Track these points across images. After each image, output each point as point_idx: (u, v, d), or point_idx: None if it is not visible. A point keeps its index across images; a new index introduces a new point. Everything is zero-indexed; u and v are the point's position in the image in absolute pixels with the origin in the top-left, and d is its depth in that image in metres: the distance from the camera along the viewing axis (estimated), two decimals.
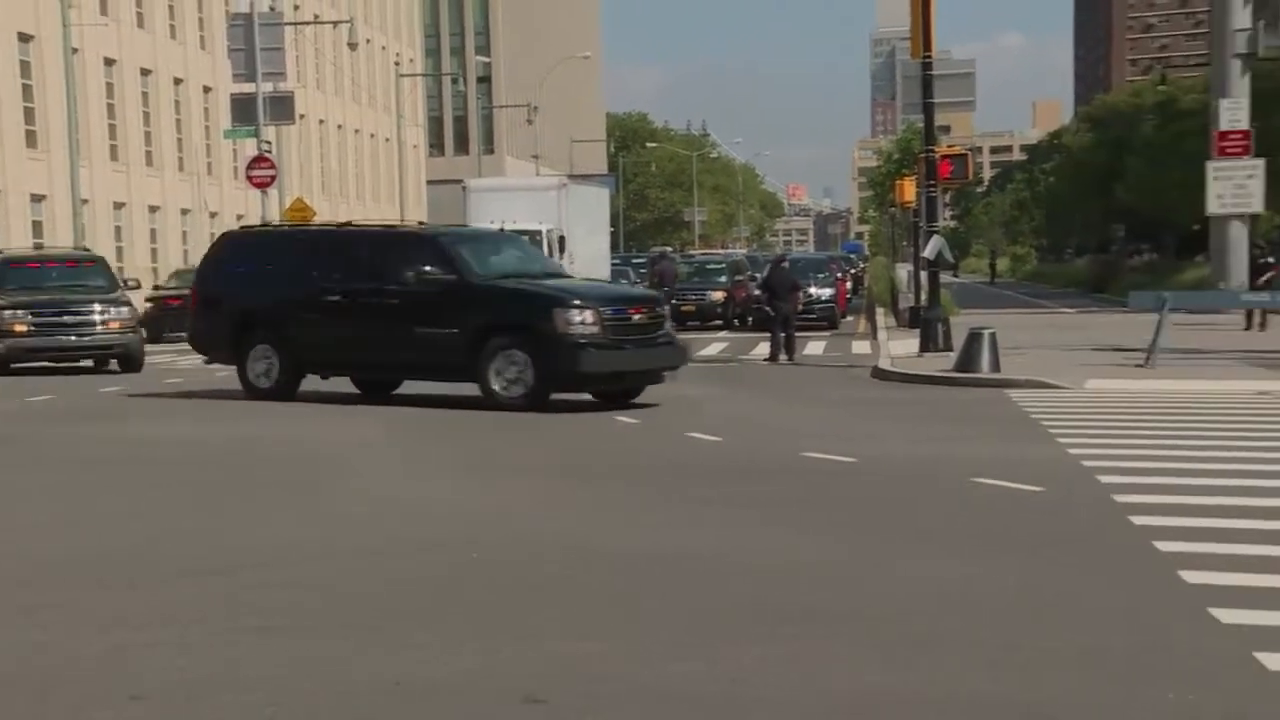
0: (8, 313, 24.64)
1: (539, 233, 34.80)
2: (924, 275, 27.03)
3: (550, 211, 36.37)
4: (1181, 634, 6.57)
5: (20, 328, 24.57)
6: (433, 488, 11.31)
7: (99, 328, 25.05)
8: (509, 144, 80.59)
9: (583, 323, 16.45)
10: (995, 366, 20.17)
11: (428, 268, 17.25)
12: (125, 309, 25.67)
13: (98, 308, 25.13)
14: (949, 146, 30.92)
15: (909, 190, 31.17)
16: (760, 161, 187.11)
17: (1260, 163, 24.30)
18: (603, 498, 10.75)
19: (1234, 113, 24.61)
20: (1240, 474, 11.18)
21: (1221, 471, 11.30)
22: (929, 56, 24.51)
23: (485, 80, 76.77)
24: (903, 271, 39.68)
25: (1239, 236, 30.52)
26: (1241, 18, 25.06)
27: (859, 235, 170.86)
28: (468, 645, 6.52)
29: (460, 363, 16.82)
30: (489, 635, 6.70)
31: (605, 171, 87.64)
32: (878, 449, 13.08)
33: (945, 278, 28.57)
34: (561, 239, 35.63)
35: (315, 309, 17.99)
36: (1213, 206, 24.58)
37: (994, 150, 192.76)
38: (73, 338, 24.97)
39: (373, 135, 73.69)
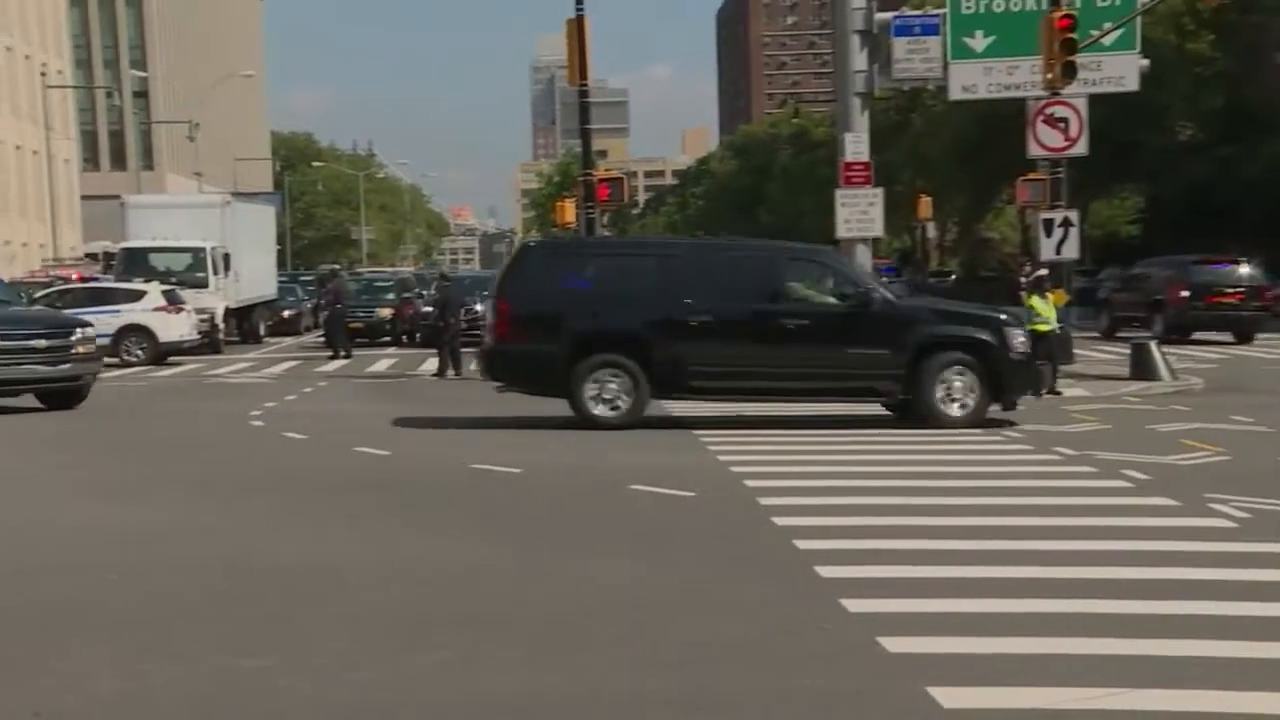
0: None
1: (202, 249, 33.60)
2: None
3: (213, 229, 35.11)
4: (816, 623, 6.92)
5: None
6: (90, 508, 10.65)
7: None
8: (170, 160, 77.04)
9: None
10: None
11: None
12: None
13: None
14: (606, 170, 31.55)
15: (569, 211, 31.62)
16: (427, 182, 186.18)
17: (880, 191, 25.93)
18: (268, 513, 10.40)
19: (856, 145, 26.18)
20: (870, 475, 11.90)
21: (853, 474, 12.00)
22: (585, 85, 25.01)
23: (142, 95, 73.10)
24: None
25: (864, 258, 32.55)
26: (859, 60, 26.78)
27: None
28: (117, 669, 6.17)
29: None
30: (144, 657, 6.37)
31: (271, 190, 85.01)
32: (543, 459, 13.20)
33: None
34: (226, 256, 34.46)
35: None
36: (841, 230, 26.00)
37: (648, 174, 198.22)
38: None
39: (18, 147, 68.87)
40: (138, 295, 29.20)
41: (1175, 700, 5.64)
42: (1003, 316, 16.32)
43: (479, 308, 34.43)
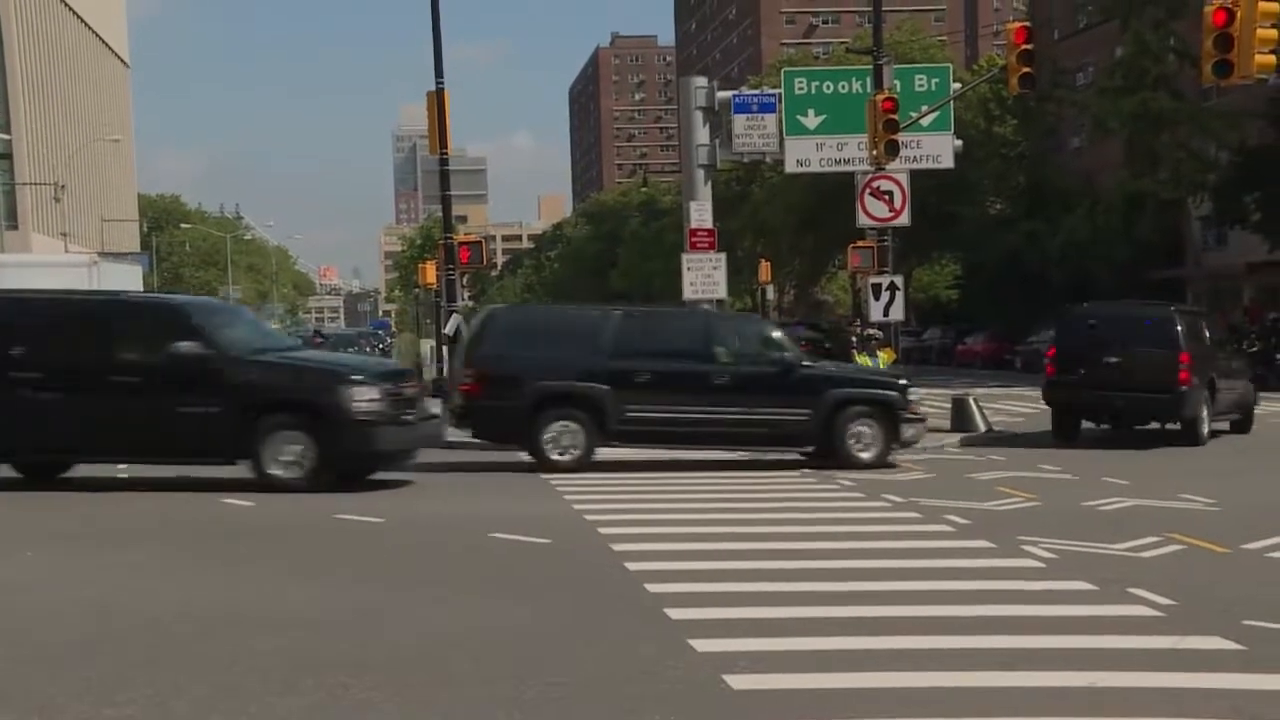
0: None
1: None
2: (445, 349, 27.30)
3: (80, 287, 33.99)
4: (665, 663, 6.96)
5: None
6: None
7: None
8: (36, 221, 74.36)
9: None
10: None
11: None
12: None
13: None
14: (466, 234, 31.46)
15: (431, 273, 31.46)
16: (293, 244, 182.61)
17: (723, 256, 26.47)
18: (134, 563, 10.05)
19: (701, 213, 26.68)
20: (714, 521, 12.02)
21: (698, 520, 12.11)
22: (445, 154, 24.95)
23: (5, 157, 70.62)
24: (426, 346, 39.89)
25: None
26: (702, 135, 27.39)
27: (386, 313, 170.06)
28: None
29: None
30: (2, 707, 6.10)
31: (138, 250, 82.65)
32: (405, 508, 13.02)
33: None
34: None
35: None
36: (688, 293, 26.40)
37: (506, 239, 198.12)
38: None
39: None
40: None
41: None
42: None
43: None
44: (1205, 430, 19.85)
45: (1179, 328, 19.79)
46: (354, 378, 14.69)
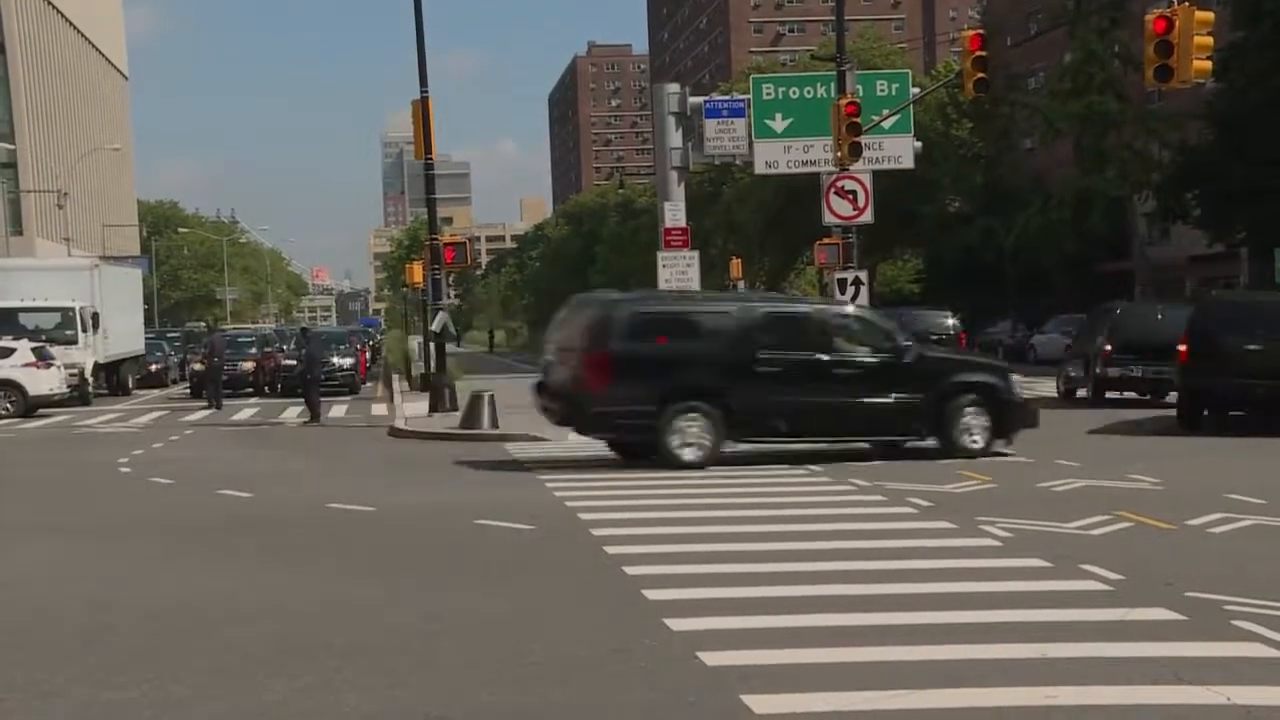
0: None
1: (71, 309, 32.43)
2: (432, 346, 27.22)
3: (83, 290, 33.84)
4: (643, 642, 6.96)
5: None
6: None
7: None
8: (40, 227, 73.83)
9: None
10: (494, 423, 20.57)
11: None
12: None
13: None
14: (452, 236, 31.41)
15: (418, 273, 31.36)
16: (287, 246, 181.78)
17: (696, 254, 26.57)
18: (136, 554, 9.99)
19: (675, 213, 26.73)
20: (689, 508, 12.02)
21: (674, 507, 12.10)
22: (430, 159, 24.87)
23: (10, 166, 70.11)
24: (414, 343, 39.74)
25: None
26: (676, 139, 27.42)
27: (376, 311, 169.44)
28: None
29: None
30: (6, 692, 6.04)
31: (138, 254, 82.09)
32: (395, 498, 12.97)
33: (450, 348, 28.91)
34: (95, 315, 33.25)
35: None
36: (662, 289, 26.49)
37: (490, 239, 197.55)
38: None
39: None
40: (8, 352, 27.95)
41: (951, 698, 5.83)
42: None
43: (335, 360, 33.99)
44: None
45: None
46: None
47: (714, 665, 6.40)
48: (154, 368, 40.59)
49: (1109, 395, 24.34)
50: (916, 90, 31.12)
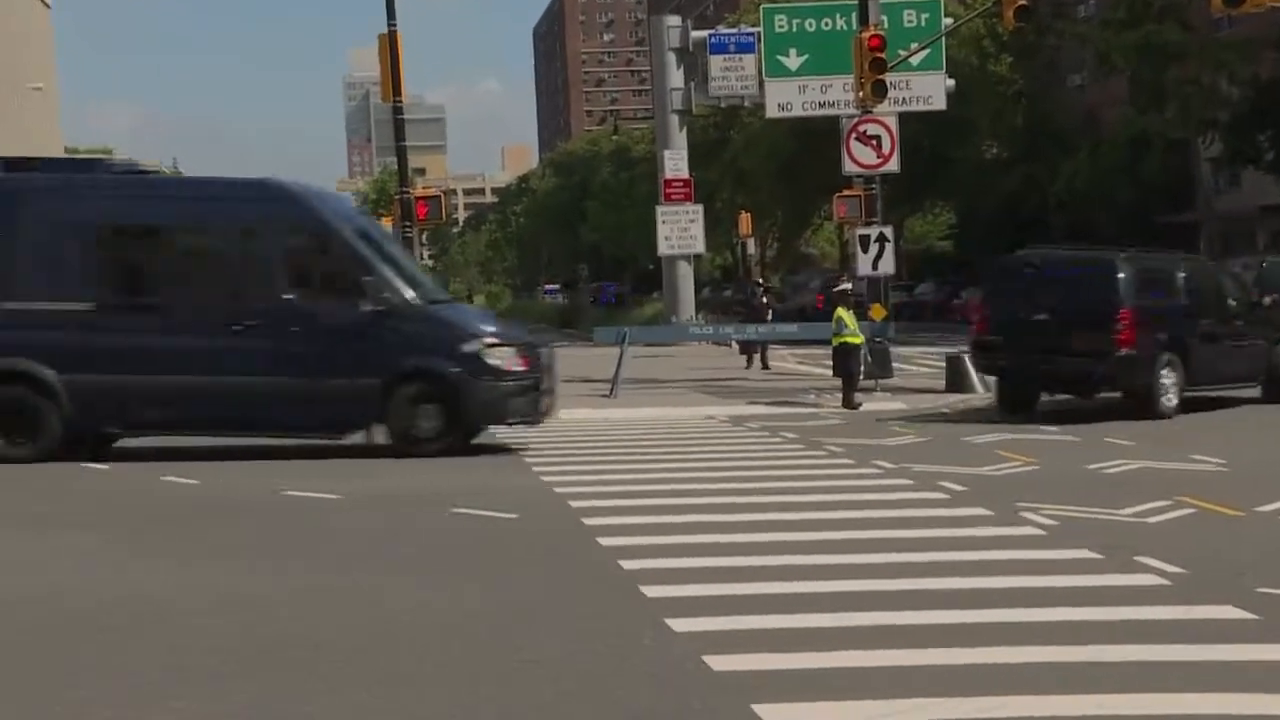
0: None
1: None
2: None
3: None
4: (641, 642, 6.97)
5: None
6: None
7: None
8: None
9: None
10: None
11: None
12: None
13: None
14: (424, 188, 31.33)
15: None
16: None
17: (699, 208, 26.55)
18: (74, 547, 10.00)
19: (676, 162, 26.70)
20: (692, 493, 12.03)
21: (675, 492, 12.11)
22: (400, 102, 24.74)
23: None
24: None
25: (686, 274, 33.05)
26: (676, 78, 27.30)
27: None
28: None
29: None
30: None
31: None
32: (362, 484, 12.98)
33: None
34: None
35: None
36: (662, 248, 26.51)
37: (468, 192, 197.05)
38: None
39: None
40: None
41: (987, 707, 5.84)
42: None
43: None
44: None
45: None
46: None
47: (721, 670, 6.42)
48: None
49: None
50: (949, 20, 31.00)
